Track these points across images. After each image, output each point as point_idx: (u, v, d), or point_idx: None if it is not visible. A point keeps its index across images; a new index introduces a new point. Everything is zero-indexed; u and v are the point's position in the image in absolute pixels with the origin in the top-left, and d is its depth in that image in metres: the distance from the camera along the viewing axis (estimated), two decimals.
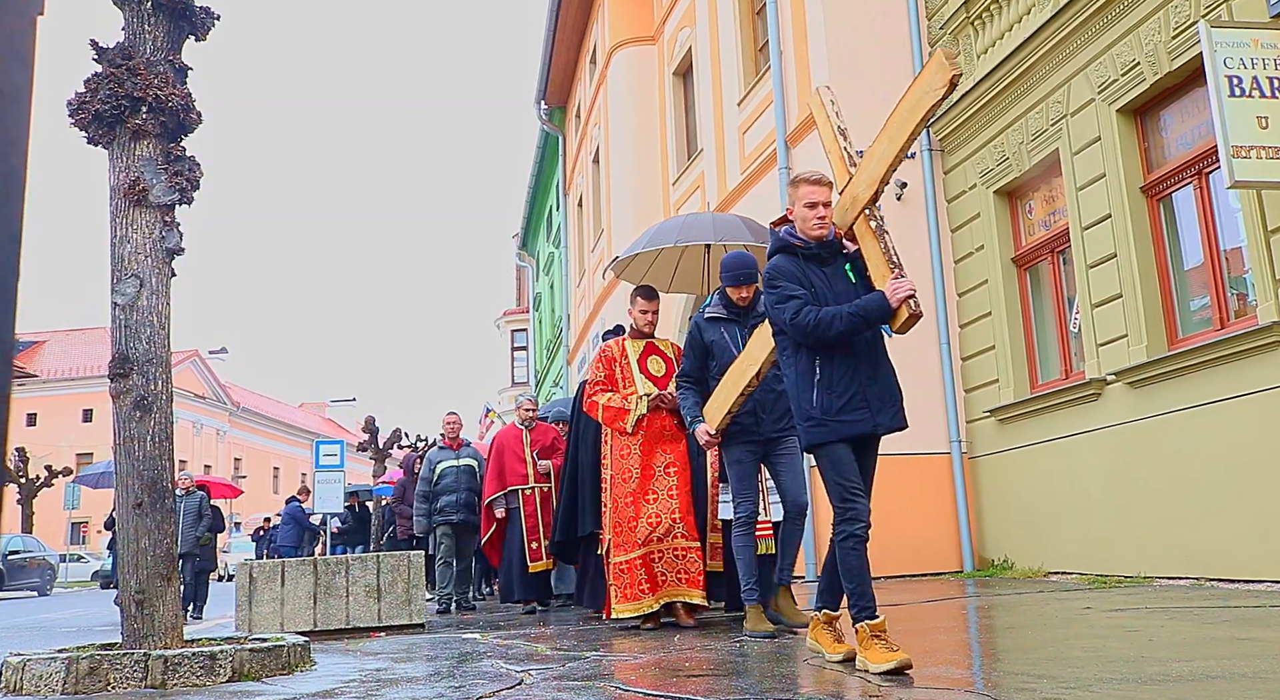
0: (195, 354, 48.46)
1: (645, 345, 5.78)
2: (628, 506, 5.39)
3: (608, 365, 5.74)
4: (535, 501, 8.05)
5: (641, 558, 5.30)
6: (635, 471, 5.43)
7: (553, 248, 22.72)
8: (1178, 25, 6.56)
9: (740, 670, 3.63)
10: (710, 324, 5.06)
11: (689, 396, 5.00)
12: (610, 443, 5.64)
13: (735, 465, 4.89)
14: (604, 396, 5.65)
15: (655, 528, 5.33)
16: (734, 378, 4.63)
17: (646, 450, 5.44)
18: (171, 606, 4.51)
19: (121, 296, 4.62)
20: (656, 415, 5.49)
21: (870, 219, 3.63)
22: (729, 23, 11.93)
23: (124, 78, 4.65)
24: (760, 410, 4.86)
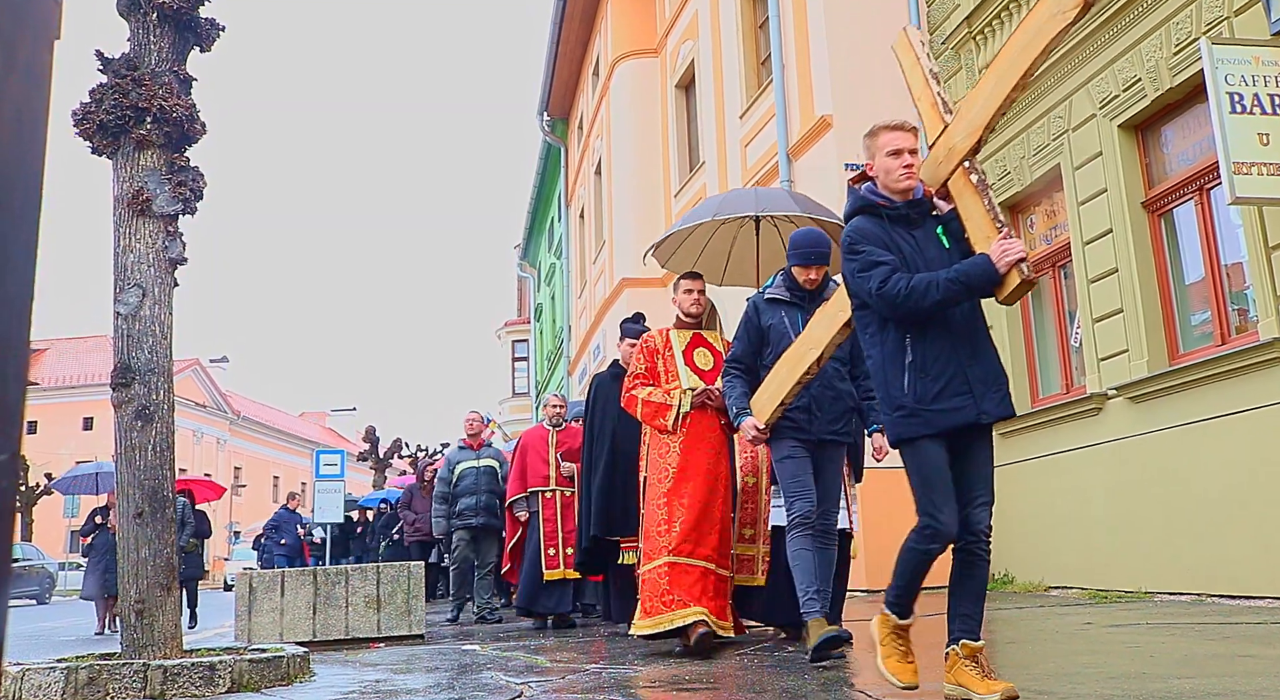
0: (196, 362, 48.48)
1: (692, 336, 5.20)
2: (660, 509, 4.82)
3: (649, 357, 5.13)
4: (555, 505, 7.45)
5: (669, 567, 4.71)
6: (671, 473, 4.84)
7: (554, 258, 22.76)
8: (1179, 42, 6.59)
9: (744, 684, 3.63)
10: (770, 306, 4.54)
11: (737, 384, 4.46)
12: (648, 441, 5.08)
13: (785, 461, 4.35)
14: (644, 390, 5.04)
15: (687, 536, 4.74)
16: (790, 364, 4.09)
17: (687, 451, 4.88)
18: (171, 616, 4.51)
19: (124, 306, 4.63)
20: (701, 414, 4.91)
21: (970, 173, 3.14)
22: (731, 36, 11.98)
23: (129, 88, 4.68)
24: (815, 407, 4.36)
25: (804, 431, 4.35)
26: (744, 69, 11.67)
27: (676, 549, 4.70)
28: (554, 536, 7.35)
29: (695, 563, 4.70)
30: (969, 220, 3.12)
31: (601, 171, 16.70)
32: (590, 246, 17.94)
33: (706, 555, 4.71)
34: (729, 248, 6.58)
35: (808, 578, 4.20)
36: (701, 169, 12.95)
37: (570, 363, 20.12)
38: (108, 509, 10.84)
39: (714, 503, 4.80)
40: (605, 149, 16.17)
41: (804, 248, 4.49)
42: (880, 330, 3.14)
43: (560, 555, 7.25)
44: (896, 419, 3.06)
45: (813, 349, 3.96)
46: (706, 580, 4.70)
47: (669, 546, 4.72)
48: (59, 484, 16.14)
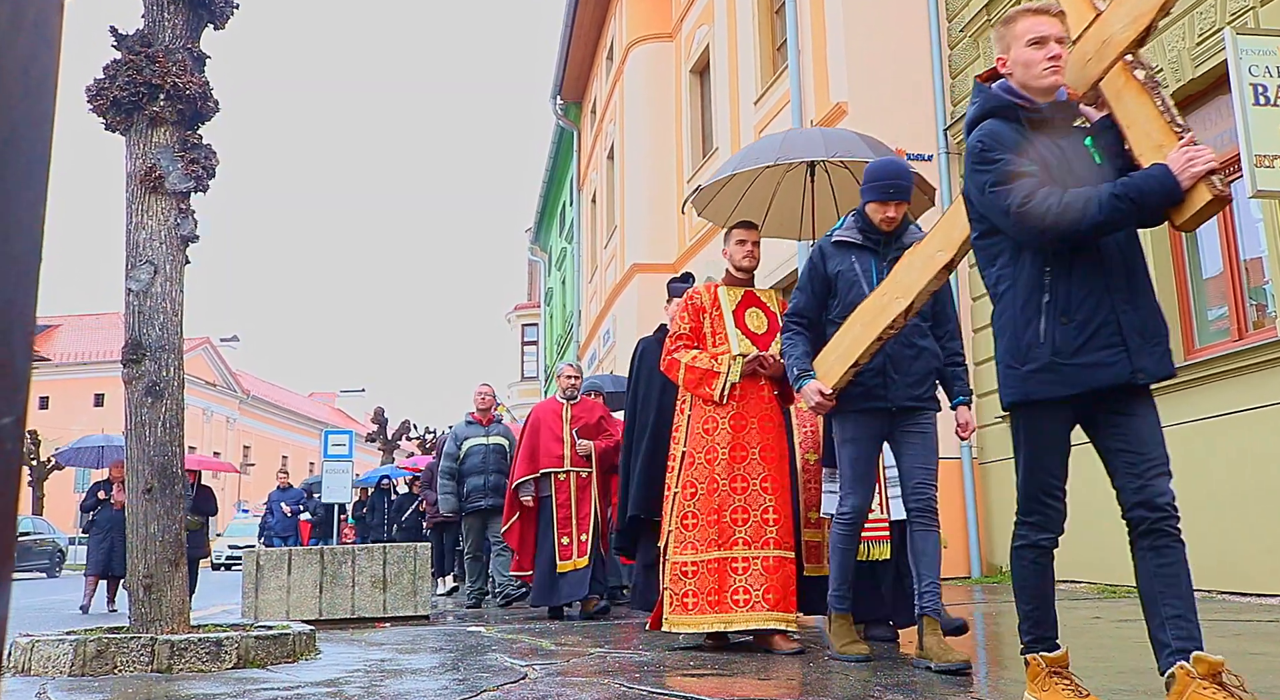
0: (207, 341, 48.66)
1: (744, 295, 4.56)
2: (709, 496, 4.22)
3: (694, 316, 4.52)
4: (570, 488, 6.63)
5: (718, 562, 4.14)
6: (721, 452, 4.24)
7: (565, 243, 22.74)
8: (1202, 32, 6.52)
9: (749, 670, 3.63)
10: (838, 250, 3.86)
11: (798, 343, 3.79)
12: (689, 413, 4.45)
13: (849, 444, 3.73)
14: (687, 354, 4.43)
15: (741, 526, 4.18)
16: (867, 317, 3.50)
17: (738, 425, 4.26)
18: (179, 592, 4.53)
19: (136, 282, 4.64)
20: (753, 382, 4.32)
21: (1135, 68, 2.55)
22: (747, 21, 11.90)
23: (142, 65, 4.67)
24: (892, 369, 3.68)
25: (878, 398, 3.67)
26: (759, 54, 11.59)
27: (728, 542, 4.15)
28: (568, 523, 6.58)
29: (759, 553, 4.12)
30: (1133, 127, 2.53)
31: (614, 156, 16.65)
32: (602, 231, 17.91)
33: (779, 543, 4.15)
34: (771, 194, 5.76)
35: (843, 574, 3.80)
36: (715, 155, 12.89)
37: (580, 347, 20.12)
38: (110, 483, 10.49)
39: (765, 476, 4.22)
40: (618, 133, 16.12)
41: (884, 180, 3.77)
42: (1012, 262, 2.55)
43: (575, 544, 6.55)
44: (1025, 374, 2.50)
45: (900, 297, 3.37)
46: (765, 579, 4.11)
47: (718, 539, 4.16)
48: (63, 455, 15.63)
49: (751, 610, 4.09)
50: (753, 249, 4.55)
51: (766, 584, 4.10)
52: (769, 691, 3.14)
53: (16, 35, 0.56)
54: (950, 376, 3.89)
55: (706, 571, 4.17)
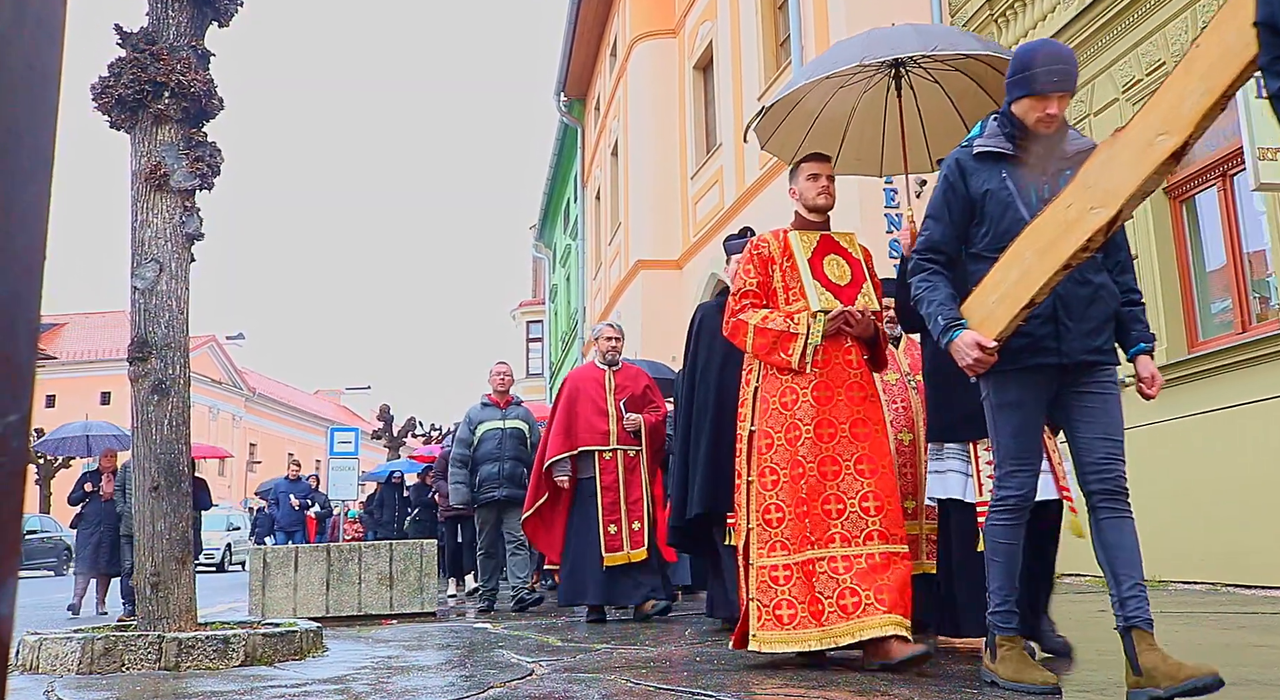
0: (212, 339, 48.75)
1: (820, 239, 3.75)
2: (794, 485, 3.50)
3: (762, 268, 3.75)
4: (618, 468, 5.78)
5: (814, 564, 3.42)
6: (804, 430, 3.50)
7: (570, 240, 22.74)
8: (1205, 25, 6.51)
9: (754, 665, 3.63)
10: (982, 165, 3.01)
11: (938, 285, 2.97)
12: (759, 384, 3.69)
13: (1011, 410, 2.93)
14: (755, 314, 3.67)
15: (836, 519, 3.45)
16: (1043, 241, 2.71)
17: (822, 397, 3.53)
18: (186, 590, 4.54)
19: (141, 281, 4.65)
20: (837, 344, 3.58)
21: None
22: (750, 17, 11.88)
23: (147, 62, 4.67)
24: (1064, 314, 2.86)
25: (1048, 351, 2.87)
26: (762, 50, 11.58)
27: (821, 540, 3.44)
28: (615, 509, 5.72)
29: (860, 550, 3.41)
30: None
31: (618, 153, 16.64)
32: (606, 228, 17.91)
33: (885, 537, 3.44)
34: (845, 123, 4.76)
35: (1008, 578, 2.99)
36: (719, 151, 12.88)
37: (584, 344, 20.13)
38: (99, 474, 9.61)
39: (861, 457, 3.51)
40: (622, 130, 16.11)
41: (1044, 66, 2.90)
42: None
43: (624, 533, 5.68)
44: None
45: (1099, 207, 2.63)
46: (872, 579, 3.36)
47: (810, 537, 3.44)
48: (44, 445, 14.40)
49: (863, 615, 3.29)
50: (828, 185, 3.80)
51: (876, 583, 3.33)
52: (779, 687, 3.14)
53: (20, 31, 0.57)
54: (1128, 319, 3.03)
55: (802, 575, 3.41)
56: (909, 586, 3.39)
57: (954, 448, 3.74)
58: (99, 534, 9.23)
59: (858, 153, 4.86)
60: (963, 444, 3.69)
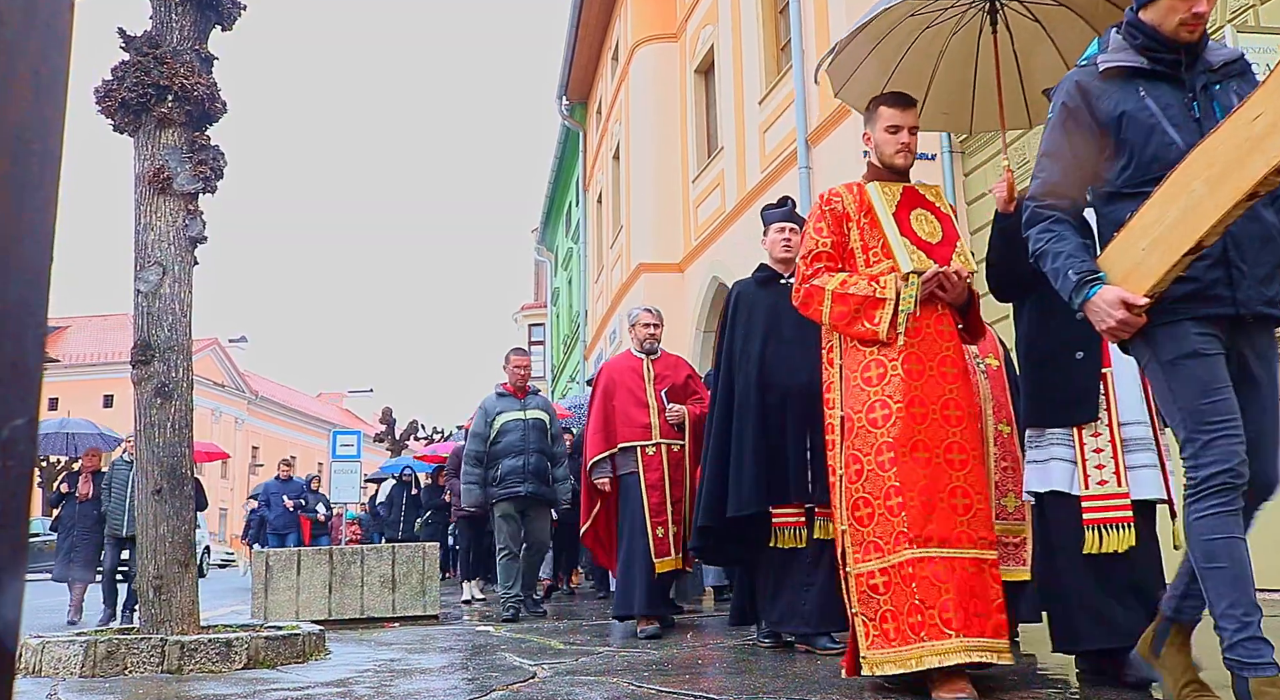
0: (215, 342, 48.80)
1: (904, 192, 3.25)
2: (880, 473, 2.99)
3: (836, 225, 3.26)
4: (662, 465, 5.23)
5: (914, 566, 2.89)
6: (894, 409, 3.01)
7: (571, 243, 22.75)
8: None
9: (755, 669, 3.63)
10: (1111, 84, 2.47)
11: (1065, 234, 2.43)
12: (841, 361, 3.20)
13: (1190, 363, 2.29)
14: (831, 278, 3.19)
15: (931, 513, 2.93)
16: (1216, 167, 2.18)
17: (913, 372, 3.04)
18: (189, 593, 4.55)
19: (144, 284, 4.66)
20: (929, 312, 3.10)
21: None
22: (751, 21, 11.89)
23: (150, 66, 4.69)
24: (1236, 258, 2.32)
25: (1220, 301, 2.31)
26: (764, 54, 11.59)
27: (924, 537, 2.90)
28: (662, 510, 5.18)
29: (954, 553, 2.89)
30: None
31: (620, 156, 16.65)
32: (608, 231, 17.92)
33: (974, 539, 2.93)
34: (931, 69, 4.00)
35: (1240, 591, 2.21)
36: (720, 155, 12.89)
37: (586, 347, 20.14)
38: (78, 474, 9.09)
39: (958, 443, 3.03)
40: (624, 134, 16.13)
41: None
42: None
43: (671, 536, 5.17)
44: None
45: None
46: (978, 580, 2.89)
47: (910, 535, 2.91)
48: None
49: (964, 632, 2.80)
50: (909, 141, 3.27)
51: (969, 597, 2.85)
52: (782, 689, 3.13)
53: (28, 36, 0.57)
54: None
55: (900, 581, 2.91)
56: (1001, 599, 2.92)
57: (1058, 433, 3.13)
58: (71, 538, 8.85)
59: (945, 105, 4.08)
60: (1067, 430, 3.11)
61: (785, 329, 4.14)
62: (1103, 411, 3.05)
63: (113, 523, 8.66)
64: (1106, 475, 3.03)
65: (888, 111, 3.29)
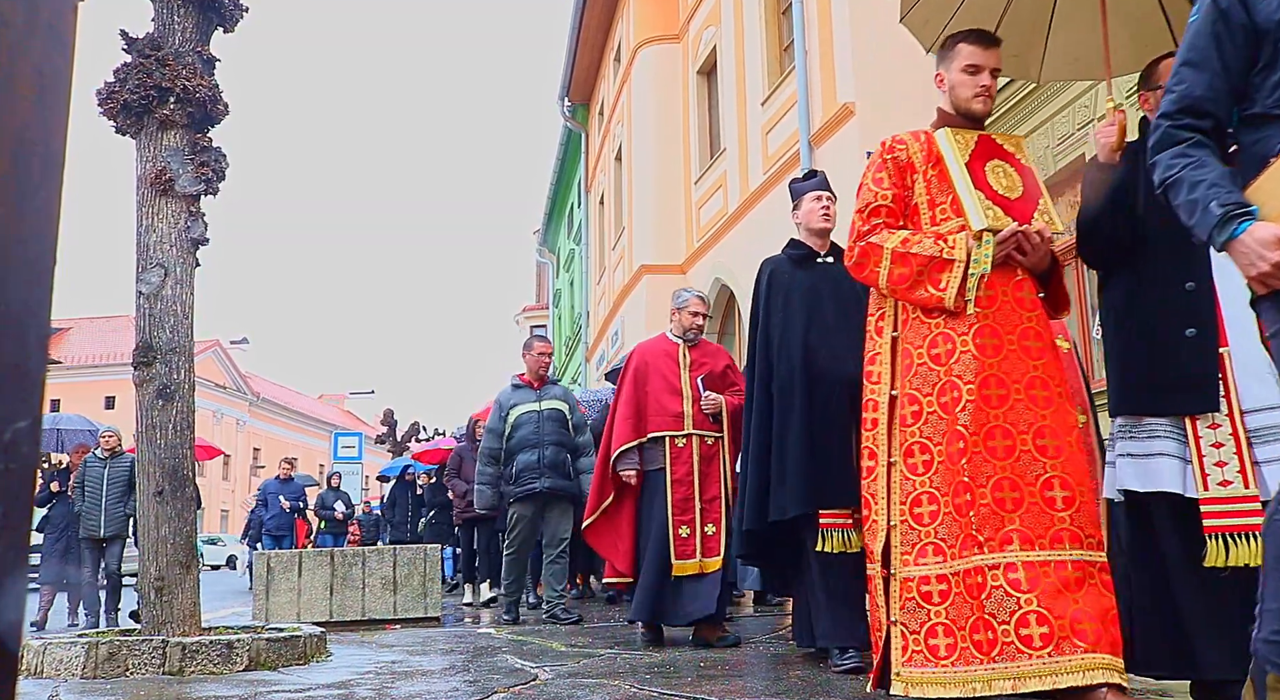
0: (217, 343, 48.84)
1: (978, 141, 2.86)
2: (952, 465, 2.62)
3: (899, 176, 2.89)
4: (692, 458, 4.72)
5: (983, 574, 2.50)
6: (966, 391, 2.62)
7: (573, 244, 22.76)
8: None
9: (758, 672, 3.62)
10: None
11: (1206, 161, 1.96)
12: (897, 333, 2.84)
13: None
14: (893, 236, 2.83)
15: (1012, 512, 2.53)
16: None
17: (987, 347, 2.65)
18: (190, 594, 4.55)
19: (146, 285, 4.66)
20: (1006, 277, 2.72)
21: None
22: (754, 22, 11.90)
23: (152, 68, 4.69)
24: None
25: None
26: (766, 56, 11.59)
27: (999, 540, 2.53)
28: (688, 507, 4.66)
29: (1047, 555, 2.48)
30: None
31: (622, 157, 16.66)
32: (610, 233, 17.92)
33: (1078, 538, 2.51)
34: (1003, 6, 3.52)
35: None
36: (722, 156, 12.89)
37: (588, 349, 20.14)
38: (68, 472, 8.73)
39: (1044, 427, 2.61)
40: (626, 135, 16.13)
41: None
42: None
43: (697, 536, 4.65)
44: None
45: None
46: (1083, 586, 2.45)
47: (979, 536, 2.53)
48: None
49: (1056, 651, 2.37)
50: (990, 84, 2.89)
51: (1072, 606, 2.41)
52: (785, 692, 3.13)
53: (30, 36, 0.57)
54: None
55: (964, 590, 2.51)
56: (1114, 610, 2.45)
57: (1161, 424, 2.62)
58: (65, 540, 8.48)
59: (1015, 46, 3.53)
60: (1175, 419, 2.59)
61: (827, 313, 3.76)
62: (1220, 399, 2.54)
63: (88, 523, 8.16)
64: (1230, 474, 2.51)
65: (968, 49, 2.89)
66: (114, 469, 8.29)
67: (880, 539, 2.75)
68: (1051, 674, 2.35)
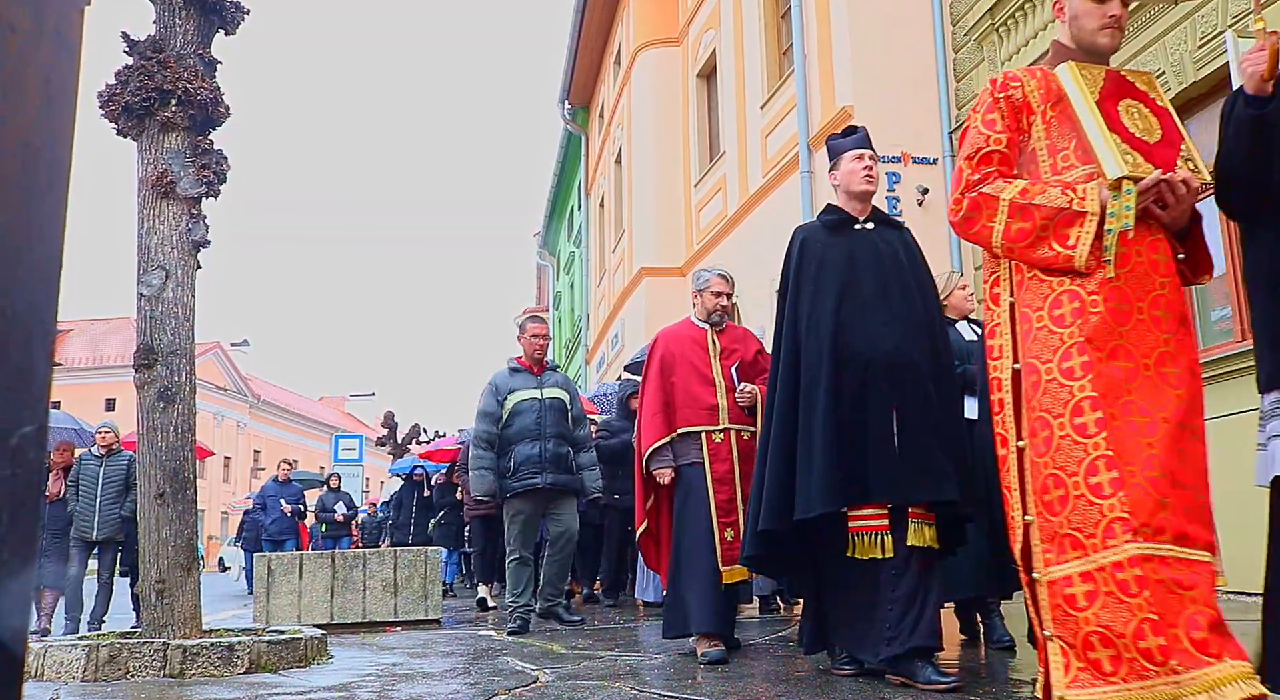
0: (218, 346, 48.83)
1: (1105, 77, 2.46)
2: (1084, 440, 2.24)
3: (1012, 116, 2.49)
4: (732, 456, 4.28)
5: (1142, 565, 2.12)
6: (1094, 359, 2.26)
7: (573, 247, 22.77)
8: (1204, 35, 6.51)
9: (759, 674, 3.62)
10: None
11: None
12: (1016, 296, 2.45)
13: None
14: (1009, 186, 2.43)
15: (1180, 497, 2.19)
16: None
17: (1119, 312, 2.29)
18: (191, 597, 4.55)
19: (147, 287, 4.66)
20: (1140, 234, 2.34)
21: None
22: (754, 26, 11.91)
23: (154, 70, 4.69)
24: None
25: None
26: (765, 59, 11.60)
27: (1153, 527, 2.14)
28: (731, 508, 4.23)
29: (1194, 553, 2.16)
30: None
31: (622, 160, 16.67)
32: (610, 235, 17.92)
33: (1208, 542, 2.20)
34: None
35: None
36: (722, 159, 12.90)
37: (588, 351, 20.14)
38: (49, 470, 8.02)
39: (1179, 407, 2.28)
40: (626, 138, 16.14)
41: None
42: None
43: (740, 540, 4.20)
44: None
45: None
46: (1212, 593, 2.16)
47: (1133, 517, 2.13)
48: None
49: (1222, 655, 2.05)
50: (1120, 12, 2.51)
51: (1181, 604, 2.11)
52: (787, 694, 3.13)
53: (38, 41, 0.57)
54: None
55: (1118, 587, 2.13)
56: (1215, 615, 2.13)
57: None
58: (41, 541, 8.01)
59: None
60: None
61: (864, 285, 3.37)
62: None
63: (81, 525, 7.79)
64: None
65: None
66: (110, 467, 7.93)
67: (1019, 538, 2.34)
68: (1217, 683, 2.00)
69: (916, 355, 3.28)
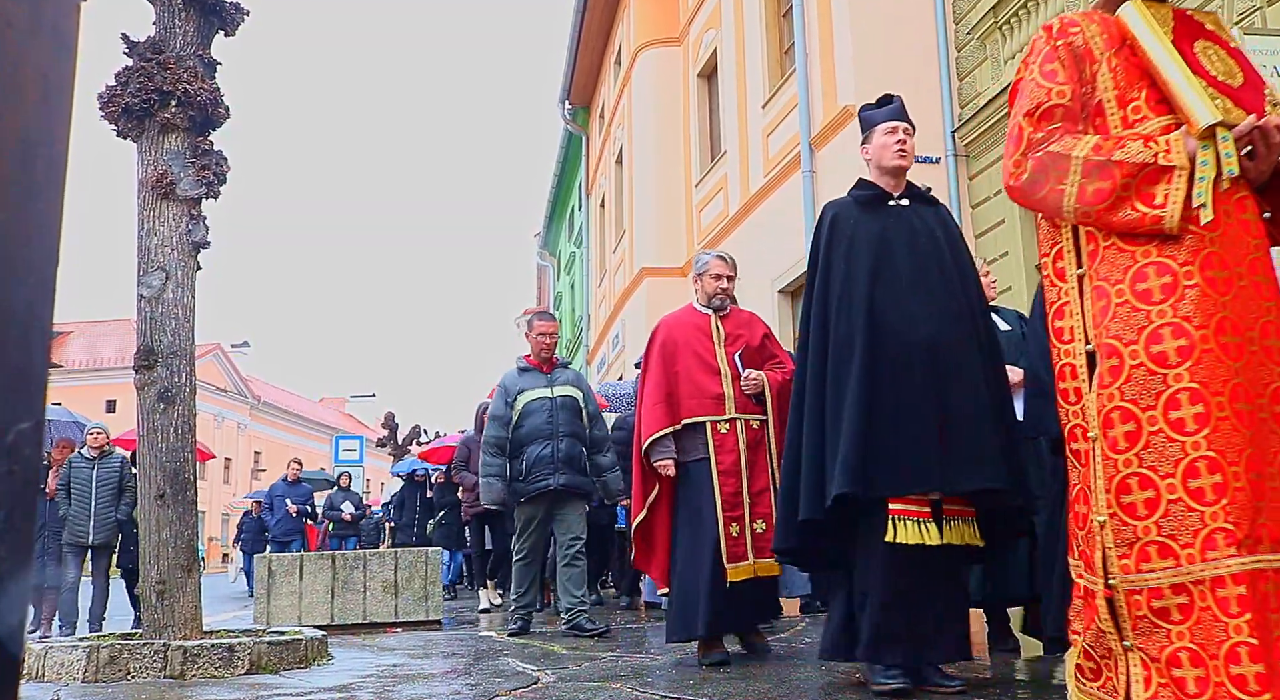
0: (218, 347, 48.84)
1: (1175, 17, 2.20)
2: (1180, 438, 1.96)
3: (1073, 65, 2.20)
4: (739, 447, 4.10)
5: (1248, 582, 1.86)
6: (1198, 341, 1.95)
7: (574, 247, 22.77)
8: None
9: (763, 676, 3.62)
10: None
11: None
12: (1090, 268, 2.13)
13: None
14: (1080, 142, 2.12)
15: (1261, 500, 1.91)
16: None
17: (1218, 281, 2.00)
18: (191, 598, 4.55)
19: (147, 289, 4.66)
20: (1228, 192, 2.04)
21: None
22: (755, 25, 11.91)
23: (154, 71, 4.70)
24: None
25: None
26: (766, 58, 11.60)
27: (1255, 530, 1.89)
28: (738, 502, 4.04)
29: None
30: None
31: (622, 160, 16.67)
32: (610, 236, 17.93)
33: None
34: None
35: None
36: (723, 159, 12.90)
37: (589, 352, 20.14)
38: (49, 468, 7.97)
39: None
40: (626, 138, 16.14)
41: None
42: None
43: (748, 535, 4.02)
44: None
45: None
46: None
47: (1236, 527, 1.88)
48: None
49: None
50: None
51: None
52: (788, 695, 3.12)
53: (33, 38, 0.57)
54: None
55: (1217, 604, 1.89)
56: None
57: None
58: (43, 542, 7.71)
59: None
60: None
61: (899, 265, 3.18)
62: None
63: (75, 529, 7.52)
64: None
65: None
66: (103, 470, 7.65)
67: (1097, 541, 2.06)
68: None
69: (959, 341, 3.08)
